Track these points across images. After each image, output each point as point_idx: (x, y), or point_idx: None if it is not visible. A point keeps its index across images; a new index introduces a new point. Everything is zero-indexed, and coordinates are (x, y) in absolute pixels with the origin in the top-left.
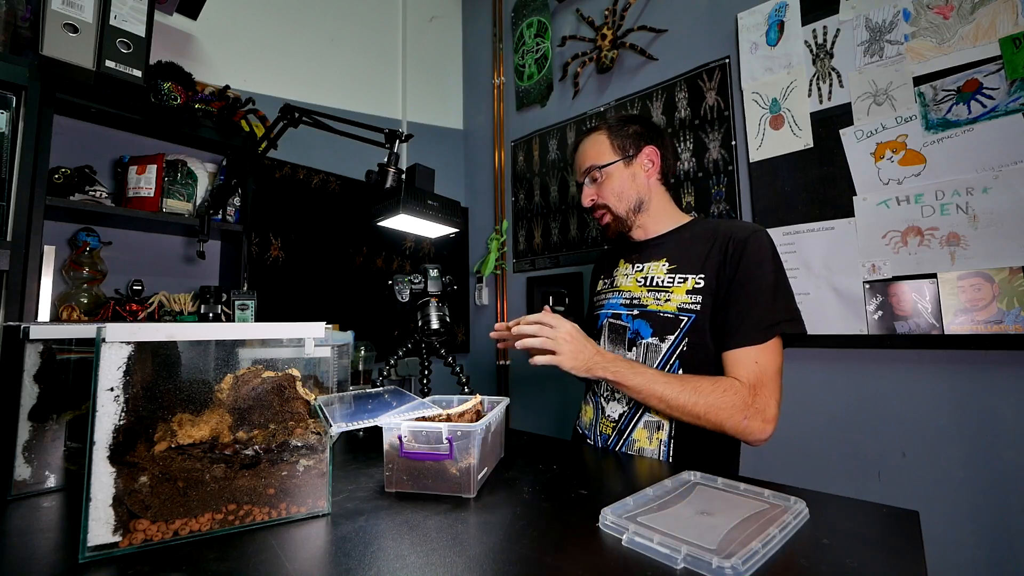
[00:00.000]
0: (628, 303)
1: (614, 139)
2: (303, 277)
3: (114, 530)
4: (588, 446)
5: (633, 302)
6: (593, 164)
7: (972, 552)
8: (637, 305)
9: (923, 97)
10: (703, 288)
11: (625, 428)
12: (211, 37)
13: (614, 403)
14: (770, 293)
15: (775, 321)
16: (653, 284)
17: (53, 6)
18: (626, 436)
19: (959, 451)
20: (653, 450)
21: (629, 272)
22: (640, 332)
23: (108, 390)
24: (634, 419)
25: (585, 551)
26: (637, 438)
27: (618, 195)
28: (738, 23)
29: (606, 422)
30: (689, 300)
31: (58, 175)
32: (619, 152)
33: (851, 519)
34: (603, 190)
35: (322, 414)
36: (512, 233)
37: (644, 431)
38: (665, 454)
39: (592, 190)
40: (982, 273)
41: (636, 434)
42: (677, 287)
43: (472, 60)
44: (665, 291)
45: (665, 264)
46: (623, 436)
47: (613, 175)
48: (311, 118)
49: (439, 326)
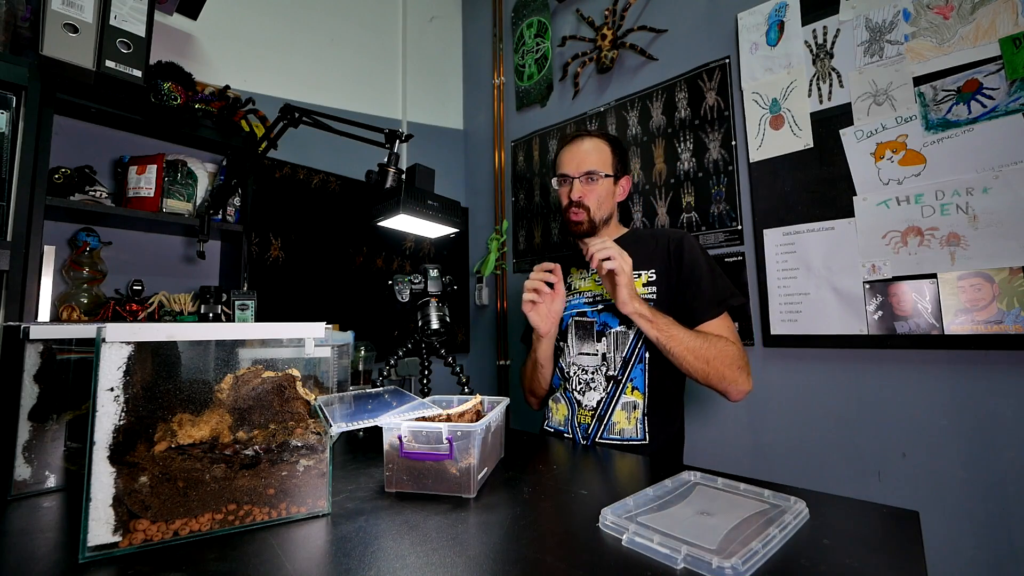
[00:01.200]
0: (591, 300)
1: (614, 155)
2: (303, 277)
3: (114, 530)
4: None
5: (596, 299)
6: (596, 169)
7: (972, 552)
8: (600, 300)
9: (923, 97)
10: (656, 281)
11: (604, 413)
12: (211, 37)
13: (590, 392)
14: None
15: (724, 296)
16: None
17: (53, 6)
18: (607, 421)
19: (959, 451)
20: (632, 429)
21: (585, 275)
22: (608, 323)
23: (108, 390)
24: (613, 402)
25: (585, 551)
26: (617, 420)
27: (599, 203)
28: (738, 23)
29: (584, 412)
30: (646, 291)
31: (58, 175)
32: (613, 168)
33: (851, 519)
34: (591, 193)
35: (322, 414)
36: (512, 233)
37: (623, 412)
38: (642, 431)
39: (584, 188)
40: (982, 273)
41: (616, 416)
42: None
43: (472, 60)
44: None
45: None
46: (603, 422)
47: (603, 185)
48: (311, 118)
49: (439, 326)
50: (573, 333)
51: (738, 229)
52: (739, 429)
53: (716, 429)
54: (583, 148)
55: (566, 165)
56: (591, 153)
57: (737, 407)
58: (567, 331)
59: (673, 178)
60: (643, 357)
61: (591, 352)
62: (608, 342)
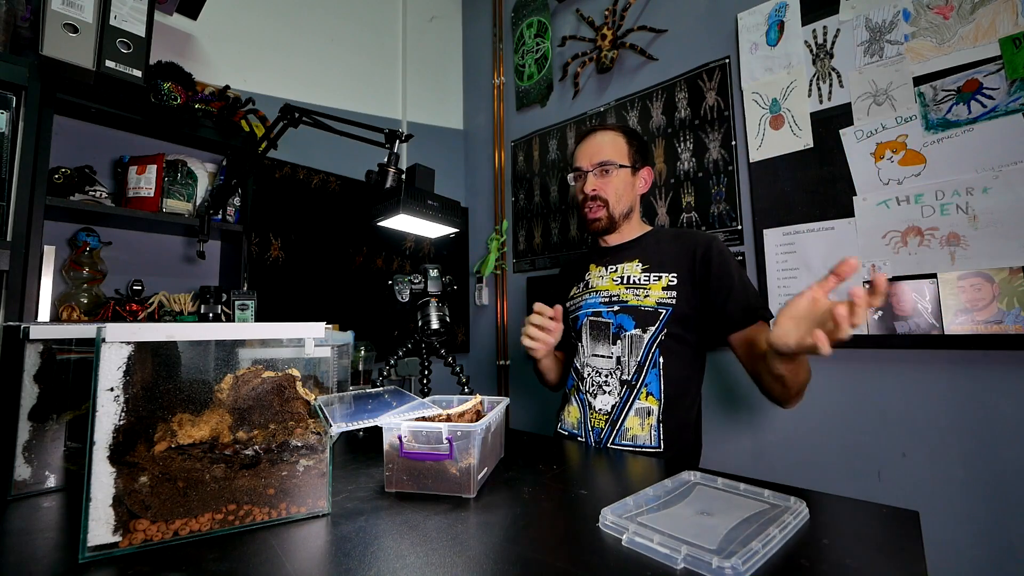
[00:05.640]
0: (608, 300)
1: (630, 146)
2: (303, 277)
3: (114, 530)
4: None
5: (613, 299)
6: (610, 159)
7: (972, 552)
8: (617, 301)
9: (923, 97)
10: (676, 285)
11: (618, 418)
12: (211, 37)
13: (603, 396)
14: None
15: (759, 305)
16: (630, 282)
17: (53, 6)
18: (619, 426)
19: (959, 451)
20: (645, 436)
21: (603, 274)
22: (624, 325)
23: (108, 390)
24: (626, 408)
25: (585, 551)
26: (630, 426)
27: (618, 195)
28: (738, 23)
29: (597, 416)
30: (665, 295)
31: (58, 175)
32: (630, 159)
33: (851, 519)
34: (607, 186)
35: (322, 414)
36: (512, 233)
37: (636, 418)
38: (656, 438)
39: (599, 181)
40: (982, 273)
41: (628, 422)
42: (654, 284)
43: (472, 60)
44: (643, 288)
45: (639, 265)
46: (616, 426)
47: (620, 176)
48: (311, 118)
49: (439, 326)
50: (588, 333)
51: (738, 229)
52: (739, 429)
53: (716, 429)
54: (596, 141)
55: (580, 159)
56: (604, 145)
57: (738, 407)
58: (582, 331)
59: (673, 178)
60: (657, 362)
61: (606, 355)
62: (623, 345)
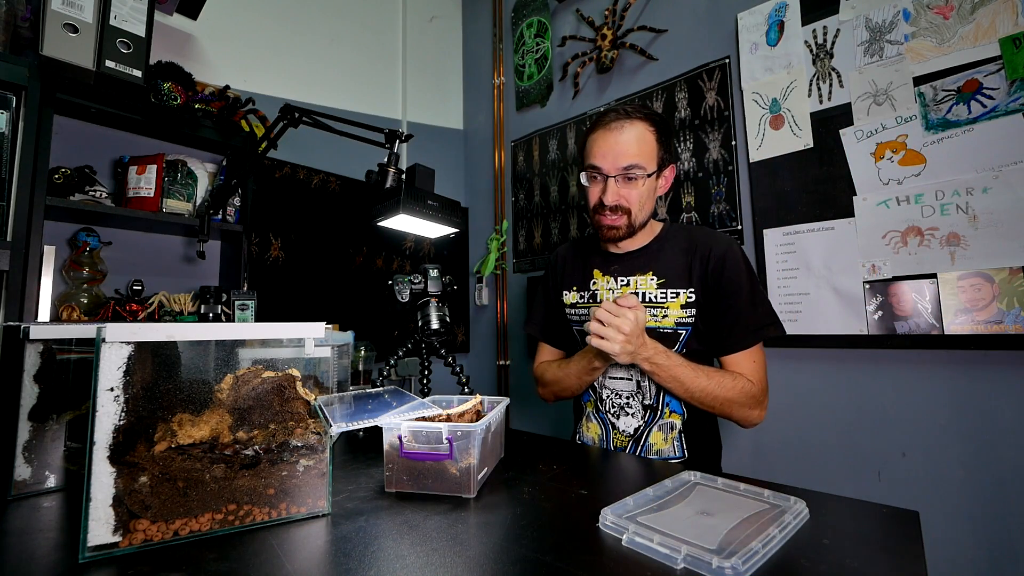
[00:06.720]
0: None
1: (659, 143)
2: (303, 277)
3: (114, 530)
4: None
5: None
6: (637, 163)
7: (972, 552)
8: None
9: (923, 97)
10: (695, 302)
11: (642, 436)
12: (211, 37)
13: (627, 418)
14: (749, 302)
15: (760, 326)
16: (646, 300)
17: (53, 6)
18: (643, 443)
19: (959, 451)
20: (669, 448)
21: (614, 287)
22: None
23: (108, 390)
24: (650, 429)
25: (585, 551)
26: (654, 441)
27: (641, 203)
28: (738, 23)
29: (620, 436)
30: (684, 314)
31: (58, 175)
32: (658, 160)
33: (851, 519)
34: (632, 194)
35: (322, 414)
36: (512, 233)
37: (660, 433)
38: (680, 448)
39: (624, 190)
40: (982, 273)
41: (652, 438)
42: (671, 302)
43: (472, 60)
44: (661, 307)
45: (653, 279)
46: (640, 443)
47: (646, 183)
48: (311, 118)
49: (439, 326)
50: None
51: (738, 229)
52: (739, 429)
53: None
54: (623, 137)
55: (600, 156)
56: (632, 144)
57: None
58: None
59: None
60: None
61: (624, 376)
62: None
